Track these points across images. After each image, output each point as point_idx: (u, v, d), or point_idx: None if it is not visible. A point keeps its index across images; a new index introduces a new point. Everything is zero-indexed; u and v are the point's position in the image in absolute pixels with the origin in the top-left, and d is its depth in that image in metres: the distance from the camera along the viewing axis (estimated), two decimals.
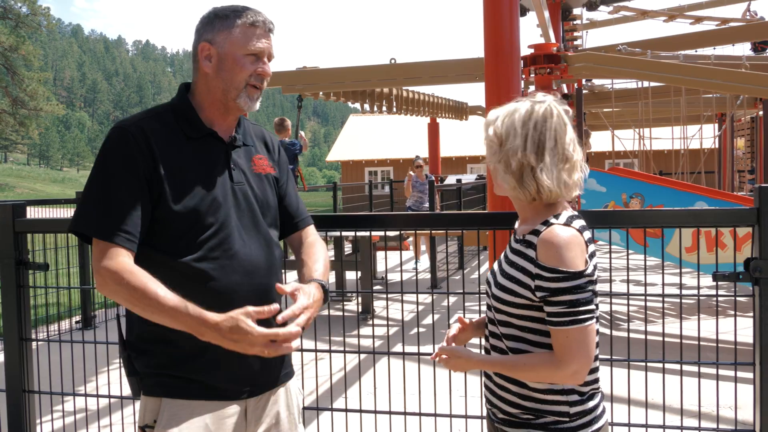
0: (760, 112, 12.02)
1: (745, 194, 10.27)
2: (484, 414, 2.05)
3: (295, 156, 9.01)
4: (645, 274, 2.58)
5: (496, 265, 1.93)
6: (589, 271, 1.71)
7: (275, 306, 1.75)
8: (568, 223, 1.74)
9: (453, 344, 1.99)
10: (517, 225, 1.94)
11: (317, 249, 2.15)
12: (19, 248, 3.03)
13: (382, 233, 8.12)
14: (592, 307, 1.71)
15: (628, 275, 3.12)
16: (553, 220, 1.75)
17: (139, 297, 1.76)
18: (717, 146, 13.51)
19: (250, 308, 1.72)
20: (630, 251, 9.34)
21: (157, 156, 1.88)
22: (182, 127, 1.96)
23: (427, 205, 11.09)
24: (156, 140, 1.89)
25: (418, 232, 9.55)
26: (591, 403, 1.80)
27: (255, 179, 2.05)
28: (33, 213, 7.86)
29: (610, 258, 3.21)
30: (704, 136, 11.26)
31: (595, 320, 1.73)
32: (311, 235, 2.22)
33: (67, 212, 11.61)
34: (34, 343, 3.12)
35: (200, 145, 1.97)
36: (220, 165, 1.98)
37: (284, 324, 1.76)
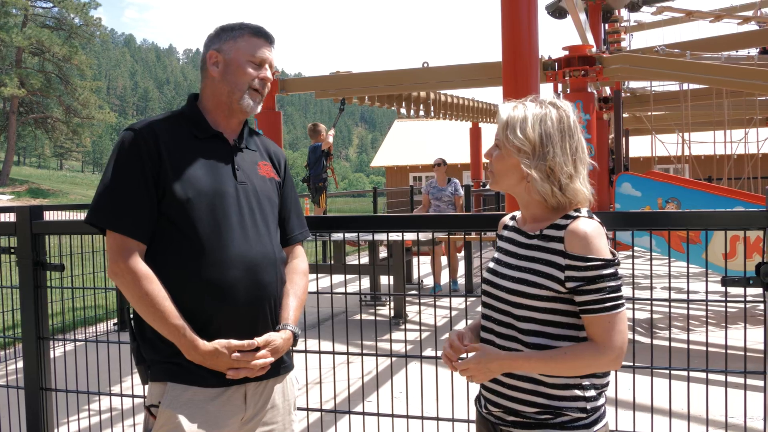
0: None
1: None
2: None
3: (320, 157, 9.08)
4: (651, 280, 2.51)
5: (496, 266, 1.93)
6: (617, 259, 1.77)
7: (255, 343, 2.01)
8: (589, 216, 1.80)
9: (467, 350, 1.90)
10: (510, 222, 1.99)
11: (298, 278, 2.26)
12: (37, 249, 3.11)
13: (414, 237, 8.08)
14: (623, 293, 1.76)
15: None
16: (575, 214, 1.80)
17: (148, 304, 1.96)
18: None
19: (234, 342, 1.98)
20: (665, 258, 9.11)
21: (164, 154, 2.02)
22: (190, 128, 2.12)
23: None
24: (164, 140, 2.04)
25: (436, 251, 9.38)
26: (601, 400, 1.82)
27: (259, 180, 2.18)
28: (67, 217, 8.04)
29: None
30: (754, 139, 10.93)
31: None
32: (298, 255, 2.32)
33: None
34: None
35: (206, 145, 2.11)
36: (225, 164, 2.11)
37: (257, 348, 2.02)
